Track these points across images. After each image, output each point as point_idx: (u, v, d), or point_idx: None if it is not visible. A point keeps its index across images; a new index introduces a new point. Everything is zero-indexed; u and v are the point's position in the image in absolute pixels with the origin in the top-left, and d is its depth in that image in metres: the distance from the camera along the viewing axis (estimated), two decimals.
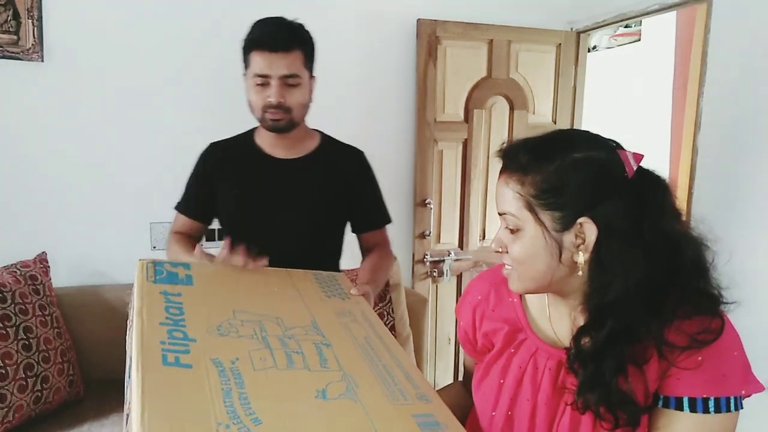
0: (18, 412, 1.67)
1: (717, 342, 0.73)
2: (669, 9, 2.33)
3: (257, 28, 1.41)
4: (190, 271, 1.05)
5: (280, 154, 1.47)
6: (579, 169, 0.74)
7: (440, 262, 2.67)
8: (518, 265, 0.79)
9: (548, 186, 0.74)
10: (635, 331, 0.73)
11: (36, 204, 2.15)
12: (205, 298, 0.98)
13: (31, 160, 2.13)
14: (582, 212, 0.73)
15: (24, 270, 1.88)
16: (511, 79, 2.69)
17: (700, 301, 0.75)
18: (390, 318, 2.01)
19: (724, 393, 0.73)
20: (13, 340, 1.70)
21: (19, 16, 2.03)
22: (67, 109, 2.14)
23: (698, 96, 2.12)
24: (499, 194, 0.80)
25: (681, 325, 0.73)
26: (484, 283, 0.97)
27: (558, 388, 0.81)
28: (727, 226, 2.03)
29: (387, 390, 0.81)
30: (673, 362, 0.73)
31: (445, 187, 2.67)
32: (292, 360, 0.82)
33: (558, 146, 0.77)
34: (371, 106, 2.55)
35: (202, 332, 0.85)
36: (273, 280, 1.12)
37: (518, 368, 0.86)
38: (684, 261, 0.75)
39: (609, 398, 0.73)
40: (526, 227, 0.77)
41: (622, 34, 3.65)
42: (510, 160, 0.79)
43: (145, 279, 1.00)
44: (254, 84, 1.35)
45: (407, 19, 2.52)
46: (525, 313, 0.89)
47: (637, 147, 0.79)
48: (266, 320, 0.92)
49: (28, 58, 2.06)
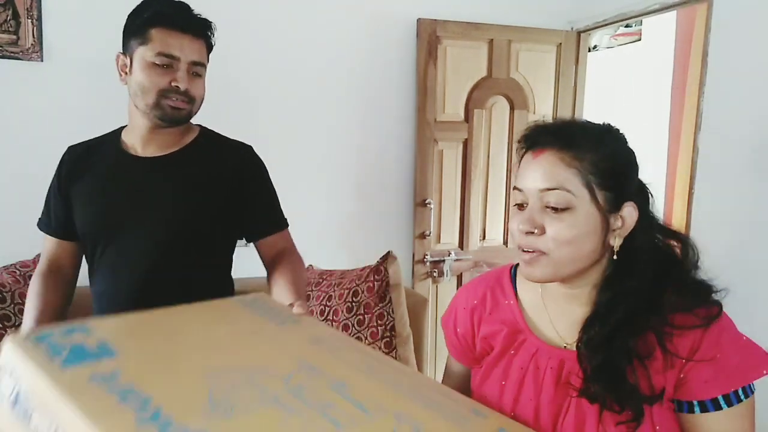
0: None
1: (722, 335, 0.75)
2: (669, 9, 2.33)
3: (162, 3, 1.21)
4: (90, 334, 0.72)
5: (150, 151, 1.25)
6: (627, 158, 0.80)
7: (440, 262, 2.67)
8: (562, 246, 0.76)
9: (605, 166, 0.76)
10: (641, 322, 0.75)
11: (35, 204, 2.14)
12: (151, 366, 0.68)
13: (30, 159, 2.12)
14: (626, 197, 0.78)
15: (23, 270, 1.88)
16: (511, 78, 2.69)
17: (696, 291, 0.79)
18: (390, 318, 2.01)
19: (745, 381, 0.74)
20: None
21: (19, 16, 2.03)
22: (67, 109, 2.14)
23: (698, 96, 2.12)
24: (545, 170, 0.77)
25: (681, 316, 0.75)
26: (479, 288, 0.95)
27: (561, 386, 0.81)
28: (727, 225, 2.03)
29: (443, 415, 0.68)
30: (683, 355, 0.74)
31: (445, 187, 2.67)
32: (334, 418, 0.62)
33: (604, 131, 0.81)
34: (371, 106, 2.55)
35: (198, 417, 0.58)
36: (204, 319, 0.86)
37: (519, 369, 0.85)
38: (678, 257, 0.81)
39: (617, 387, 0.74)
40: (580, 205, 0.76)
41: (623, 34, 3.65)
42: (558, 137, 0.78)
43: (43, 369, 0.62)
44: (153, 64, 1.16)
45: (407, 19, 2.52)
46: (522, 315, 0.89)
47: (636, 147, 0.81)
48: (254, 376, 0.68)
49: (28, 58, 2.05)
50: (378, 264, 2.08)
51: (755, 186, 1.94)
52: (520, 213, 0.80)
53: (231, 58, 2.31)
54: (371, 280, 2.04)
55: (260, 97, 2.37)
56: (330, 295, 2.10)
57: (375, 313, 2.01)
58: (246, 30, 2.32)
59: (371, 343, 1.98)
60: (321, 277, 2.22)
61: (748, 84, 1.96)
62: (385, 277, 2.05)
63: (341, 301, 2.05)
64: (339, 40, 2.45)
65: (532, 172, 0.78)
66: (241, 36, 2.31)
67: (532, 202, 0.78)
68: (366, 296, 2.03)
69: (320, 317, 2.09)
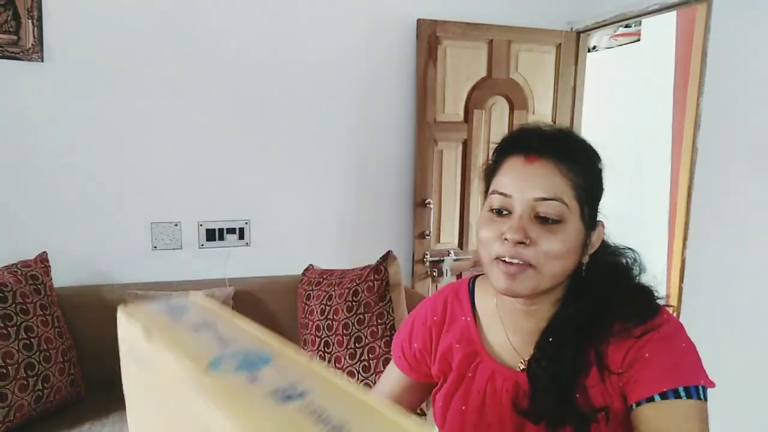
0: (19, 411, 1.67)
1: (658, 335, 0.72)
2: (669, 9, 2.33)
3: None
4: None
5: None
6: (601, 176, 0.78)
7: (440, 262, 2.68)
8: (551, 260, 0.72)
9: (593, 183, 0.76)
10: (589, 336, 0.75)
11: (36, 204, 2.15)
12: None
13: (31, 159, 2.13)
14: (597, 216, 0.78)
15: (25, 270, 1.89)
16: (511, 79, 2.69)
17: (640, 294, 0.78)
18: (390, 317, 2.01)
19: (682, 382, 0.69)
20: (14, 340, 1.70)
21: (19, 16, 2.03)
22: (67, 109, 2.15)
23: (698, 96, 2.12)
24: (542, 178, 0.72)
25: (620, 332, 0.74)
26: (437, 303, 0.91)
27: (517, 410, 0.79)
28: (727, 225, 2.03)
29: None
30: (616, 369, 0.73)
31: (445, 187, 2.67)
32: None
33: (594, 148, 0.79)
34: (371, 106, 2.55)
35: None
36: None
37: (477, 393, 0.83)
38: (625, 265, 0.81)
39: (563, 403, 0.73)
40: (571, 219, 0.72)
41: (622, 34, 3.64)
42: (556, 146, 0.74)
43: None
44: None
45: (407, 19, 2.53)
46: (479, 334, 0.85)
47: (638, 147, 0.81)
48: None
49: (28, 58, 2.06)
50: (378, 264, 2.08)
51: (755, 186, 1.94)
52: (501, 220, 0.74)
53: (231, 59, 2.32)
54: (371, 279, 2.05)
55: (260, 97, 2.37)
56: (330, 295, 2.11)
57: (375, 312, 2.01)
58: (246, 30, 2.32)
59: (371, 342, 1.98)
60: (321, 276, 2.22)
61: (748, 84, 1.96)
62: (385, 276, 2.05)
63: (341, 301, 2.06)
64: (339, 40, 2.45)
65: (525, 178, 0.73)
66: (241, 36, 2.32)
67: (520, 210, 0.73)
68: (366, 296, 2.03)
69: (320, 317, 2.09)
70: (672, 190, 3.18)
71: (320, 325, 2.08)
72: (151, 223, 2.30)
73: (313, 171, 2.51)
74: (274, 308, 2.29)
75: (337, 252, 2.55)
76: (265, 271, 2.44)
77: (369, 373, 1.94)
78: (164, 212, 2.33)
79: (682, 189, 2.15)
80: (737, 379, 1.86)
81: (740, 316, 1.97)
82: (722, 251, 2.05)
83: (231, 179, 2.38)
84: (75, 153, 2.17)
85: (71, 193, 2.18)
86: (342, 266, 2.32)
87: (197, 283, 2.26)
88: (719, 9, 2.03)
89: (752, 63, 1.94)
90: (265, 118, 2.40)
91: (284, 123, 2.43)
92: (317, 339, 2.07)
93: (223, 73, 2.31)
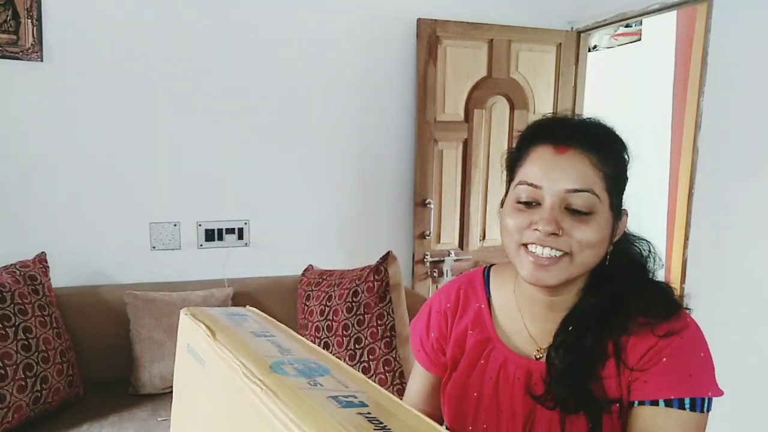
0: (17, 412, 1.67)
1: (679, 342, 0.72)
2: (669, 9, 2.33)
3: None
4: None
5: None
6: (627, 165, 0.78)
7: (440, 262, 2.67)
8: (585, 249, 0.72)
9: (621, 174, 0.76)
10: (610, 325, 0.75)
11: (35, 204, 2.15)
12: None
13: (30, 159, 2.12)
14: (622, 204, 0.77)
15: (23, 270, 1.88)
16: (511, 78, 2.68)
17: (659, 292, 0.77)
18: (390, 318, 2.00)
19: (692, 393, 0.69)
20: (12, 341, 1.70)
21: (19, 16, 2.03)
22: (67, 108, 2.14)
23: (698, 96, 2.12)
24: (574, 170, 0.71)
25: (641, 327, 0.74)
26: (451, 290, 0.92)
27: (528, 397, 0.79)
28: (728, 225, 2.03)
29: None
30: (633, 365, 0.72)
31: (445, 187, 2.66)
32: None
33: (621, 138, 0.78)
34: (371, 105, 2.55)
35: None
36: None
37: (489, 380, 0.83)
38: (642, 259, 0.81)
39: (580, 390, 0.73)
40: (601, 209, 0.72)
41: (623, 34, 3.64)
42: (587, 137, 0.73)
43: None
44: None
45: (407, 18, 2.52)
46: (492, 321, 0.86)
47: (638, 147, 0.80)
48: None
49: (28, 58, 2.05)
50: (378, 264, 2.08)
51: (755, 186, 1.94)
52: (531, 211, 0.73)
53: (231, 59, 2.32)
54: (371, 280, 2.04)
55: (260, 96, 2.37)
56: (330, 295, 2.10)
57: (375, 313, 2.01)
58: (246, 30, 2.32)
59: (371, 343, 1.97)
60: (321, 277, 2.22)
61: (748, 84, 1.95)
62: (385, 277, 2.05)
63: (341, 301, 2.05)
64: (339, 39, 2.45)
65: (556, 169, 0.72)
66: (240, 36, 2.31)
67: (551, 202, 0.72)
68: (366, 296, 2.03)
69: (320, 318, 2.09)
70: (672, 190, 3.18)
71: (320, 326, 2.08)
72: (150, 224, 2.30)
73: (312, 171, 2.50)
74: (274, 309, 2.29)
75: (337, 252, 2.54)
76: (264, 272, 2.43)
77: (369, 374, 1.94)
78: (163, 212, 2.32)
79: (683, 189, 2.15)
80: (737, 379, 1.85)
81: (741, 316, 1.97)
82: (723, 251, 2.04)
83: (230, 179, 2.37)
84: (74, 153, 2.17)
85: (70, 193, 2.18)
86: (342, 267, 2.31)
87: (196, 284, 2.25)
88: (719, 9, 2.03)
89: (752, 63, 1.93)
90: (264, 118, 2.39)
91: (284, 123, 2.42)
92: (317, 340, 2.06)
93: (222, 73, 2.31)
